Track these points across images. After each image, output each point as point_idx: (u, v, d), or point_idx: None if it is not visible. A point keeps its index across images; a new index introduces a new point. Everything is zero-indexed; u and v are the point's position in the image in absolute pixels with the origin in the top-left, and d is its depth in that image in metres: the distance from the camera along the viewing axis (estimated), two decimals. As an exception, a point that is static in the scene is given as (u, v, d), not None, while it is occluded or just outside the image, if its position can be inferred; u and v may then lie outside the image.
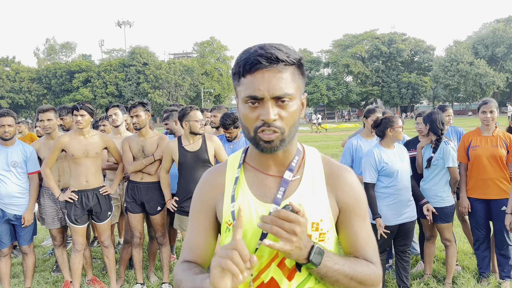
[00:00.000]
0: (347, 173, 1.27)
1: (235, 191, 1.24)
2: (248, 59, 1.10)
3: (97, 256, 5.64)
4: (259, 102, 1.11)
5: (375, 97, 61.36)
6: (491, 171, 4.00)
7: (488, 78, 52.30)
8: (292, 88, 1.12)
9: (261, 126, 1.11)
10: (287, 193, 1.21)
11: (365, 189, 3.85)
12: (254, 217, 1.20)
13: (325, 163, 1.28)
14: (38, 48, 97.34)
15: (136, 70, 59.99)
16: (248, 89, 1.11)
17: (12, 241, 4.27)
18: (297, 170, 1.24)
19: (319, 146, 20.40)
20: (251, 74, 1.10)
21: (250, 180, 1.26)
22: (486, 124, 4.09)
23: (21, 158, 4.20)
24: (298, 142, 1.30)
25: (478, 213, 4.12)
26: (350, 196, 1.24)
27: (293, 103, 1.13)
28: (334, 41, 64.89)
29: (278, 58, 1.09)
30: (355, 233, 1.24)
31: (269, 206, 1.20)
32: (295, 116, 1.15)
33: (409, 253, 4.01)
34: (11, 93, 60.66)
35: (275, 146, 1.13)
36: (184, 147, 4.13)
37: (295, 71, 1.14)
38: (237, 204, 1.22)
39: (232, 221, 1.21)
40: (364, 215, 1.26)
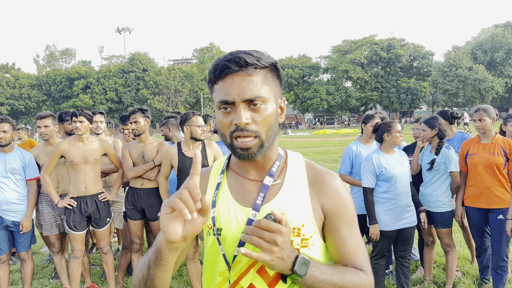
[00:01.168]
0: (331, 178, 1.23)
1: (216, 196, 1.23)
2: (217, 66, 1.11)
3: (96, 262, 5.62)
4: (232, 106, 1.10)
5: (375, 102, 61.46)
6: (487, 179, 3.91)
7: (487, 83, 52.38)
8: (264, 91, 1.11)
9: (235, 131, 1.10)
10: (267, 198, 1.19)
11: (364, 194, 3.86)
12: (233, 220, 1.18)
13: (309, 168, 1.26)
14: (38, 54, 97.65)
15: (136, 76, 60.11)
16: (219, 95, 1.11)
17: (10, 248, 4.25)
18: (278, 175, 1.22)
19: (319, 151, 20.41)
20: (221, 80, 1.11)
21: (232, 184, 1.25)
22: (480, 133, 4.01)
23: (20, 164, 4.20)
24: (280, 147, 1.28)
25: (477, 221, 4.04)
26: (335, 201, 1.20)
27: (266, 106, 1.11)
28: (333, 47, 65.07)
29: (247, 61, 1.09)
30: (343, 240, 1.20)
31: (249, 210, 1.18)
32: (271, 119, 1.13)
33: (409, 258, 4.00)
34: (11, 99, 60.75)
35: (253, 153, 1.12)
36: (184, 153, 4.13)
37: (267, 74, 1.13)
38: (217, 208, 1.21)
39: (212, 226, 1.20)
40: (352, 220, 1.22)
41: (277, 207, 1.17)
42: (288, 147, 24.56)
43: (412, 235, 3.96)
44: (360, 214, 4.42)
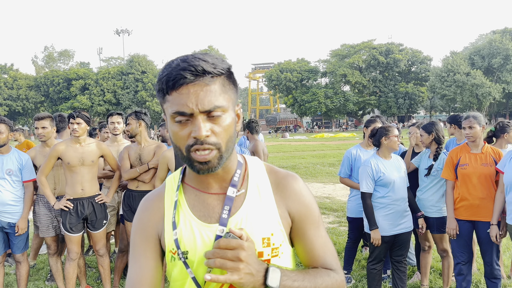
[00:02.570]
0: (294, 181, 1.19)
1: (175, 216, 1.14)
2: (171, 75, 1.01)
3: (92, 265, 5.60)
4: (189, 118, 1.02)
5: (373, 106, 61.64)
6: (481, 191, 3.75)
7: (485, 89, 52.60)
8: (223, 99, 1.03)
9: (193, 145, 1.02)
10: (233, 210, 1.12)
11: (362, 199, 3.86)
12: (198, 240, 1.11)
13: (270, 173, 1.21)
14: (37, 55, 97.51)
15: (134, 78, 60.09)
16: (174, 106, 1.01)
17: (6, 250, 4.23)
18: (241, 184, 1.16)
19: (316, 155, 20.42)
20: (176, 91, 1.01)
21: (191, 201, 1.16)
22: (470, 141, 3.88)
23: (17, 166, 4.18)
24: (238, 154, 1.22)
25: (463, 235, 3.84)
26: (301, 204, 1.17)
27: (226, 115, 1.04)
28: (332, 51, 65.34)
29: (204, 70, 1.00)
30: (311, 242, 1.17)
31: (215, 227, 1.10)
32: (230, 129, 1.06)
33: (405, 263, 4.00)
34: (9, 100, 60.65)
35: (212, 166, 1.05)
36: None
37: (224, 81, 1.05)
38: (179, 230, 1.12)
39: (176, 250, 1.11)
40: (318, 221, 1.19)
41: (244, 219, 1.11)
42: (286, 150, 24.59)
43: (408, 240, 3.96)
44: (357, 218, 4.43)
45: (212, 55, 1.06)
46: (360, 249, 5.66)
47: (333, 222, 7.55)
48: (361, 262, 5.30)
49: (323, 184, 11.80)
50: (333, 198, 9.65)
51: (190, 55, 1.04)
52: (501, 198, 3.76)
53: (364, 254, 5.53)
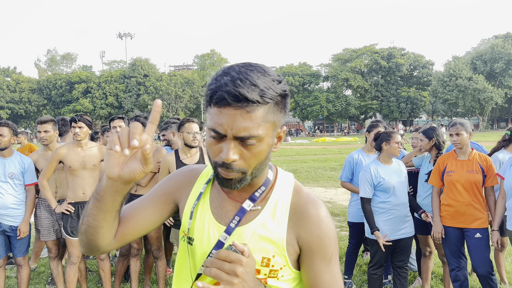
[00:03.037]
0: (314, 209, 1.14)
1: (195, 207, 1.18)
2: (215, 92, 0.98)
3: (93, 268, 5.60)
4: (222, 137, 1.01)
5: (374, 111, 61.61)
6: (466, 198, 3.73)
7: (487, 94, 52.55)
8: (262, 128, 0.99)
9: (220, 165, 1.02)
10: (242, 222, 1.12)
11: (361, 204, 3.86)
12: (205, 234, 1.14)
13: (295, 195, 1.17)
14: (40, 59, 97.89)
15: (137, 82, 60.23)
16: (212, 121, 1.01)
17: (7, 253, 4.24)
18: (260, 200, 1.15)
19: (318, 159, 20.41)
20: (217, 108, 0.99)
21: (213, 197, 1.19)
22: (457, 148, 3.86)
23: (19, 169, 4.19)
24: (271, 168, 1.20)
25: (452, 240, 3.83)
26: (314, 235, 1.12)
27: (260, 144, 1.01)
28: (334, 55, 65.37)
29: (248, 99, 0.95)
30: (317, 276, 1.12)
31: (222, 229, 1.13)
32: (262, 156, 1.04)
33: (406, 269, 3.99)
34: (11, 103, 60.83)
35: (233, 184, 1.05)
36: (181, 160, 4.13)
37: (270, 108, 1.00)
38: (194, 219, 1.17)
39: (187, 233, 1.18)
40: (330, 257, 1.13)
41: (249, 233, 1.11)
42: (287, 154, 24.57)
43: (409, 245, 3.96)
44: (358, 223, 4.42)
45: (268, 75, 1.00)
46: (361, 254, 5.65)
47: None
48: (362, 267, 5.29)
49: (325, 188, 11.79)
50: (334, 203, 9.64)
51: (243, 71, 0.98)
52: (502, 203, 3.76)
53: (365, 259, 5.52)
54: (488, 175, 3.76)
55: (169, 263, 5.45)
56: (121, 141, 0.94)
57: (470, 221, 3.73)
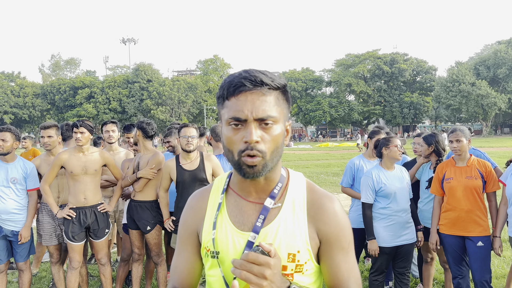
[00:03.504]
0: (330, 203, 1.22)
1: (217, 218, 1.23)
2: (232, 82, 1.11)
3: (94, 273, 5.60)
4: (242, 124, 1.10)
5: (377, 116, 61.55)
6: (466, 204, 3.69)
7: (490, 99, 52.44)
8: (275, 111, 1.12)
9: (244, 150, 1.09)
10: (266, 222, 1.18)
11: (362, 209, 3.86)
12: (230, 245, 1.19)
13: (309, 191, 1.25)
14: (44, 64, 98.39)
15: (140, 87, 60.46)
16: (231, 111, 1.10)
17: (9, 258, 4.25)
18: (279, 197, 1.22)
19: (321, 164, 20.39)
20: (235, 97, 1.10)
21: (231, 206, 1.24)
22: (456, 154, 3.83)
23: (21, 175, 4.21)
24: (283, 167, 1.28)
25: (454, 248, 3.79)
26: (332, 228, 1.20)
27: (276, 126, 1.12)
28: (337, 61, 65.45)
29: (263, 81, 1.10)
30: (337, 266, 1.20)
31: (247, 235, 1.18)
32: (278, 140, 1.13)
33: (408, 275, 3.98)
34: (15, 108, 61.11)
35: (257, 171, 1.11)
36: (181, 166, 4.14)
37: (279, 95, 1.14)
38: (216, 231, 1.21)
39: (211, 248, 1.21)
40: (347, 247, 1.22)
41: (274, 231, 1.17)
42: (290, 159, 24.56)
43: (411, 251, 3.94)
44: (359, 228, 4.41)
45: (270, 72, 1.15)
46: (362, 260, 5.63)
47: (336, 232, 7.50)
48: (364, 273, 5.27)
49: (327, 194, 11.76)
50: (336, 208, 9.60)
51: (252, 68, 1.14)
52: (504, 210, 3.74)
53: (367, 265, 5.50)
54: (488, 181, 3.74)
55: (170, 268, 5.45)
56: None
57: (471, 228, 3.70)
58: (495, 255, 3.92)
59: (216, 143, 5.21)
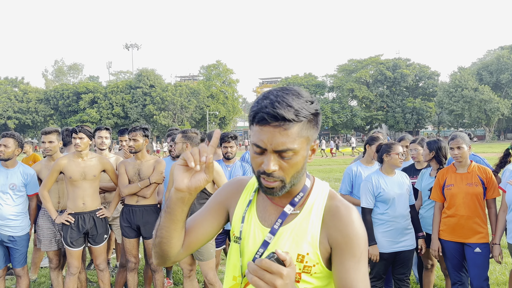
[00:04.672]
0: (346, 210, 1.26)
1: (246, 213, 1.34)
2: (257, 113, 1.15)
3: (94, 279, 5.59)
4: (263, 151, 1.17)
5: (380, 121, 61.48)
6: (466, 211, 3.67)
7: (493, 104, 52.33)
8: (297, 143, 1.15)
9: (262, 173, 1.19)
10: (284, 223, 1.27)
11: (362, 214, 3.84)
12: (251, 235, 1.30)
13: (330, 199, 1.30)
14: (47, 69, 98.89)
15: (143, 92, 60.59)
16: (254, 138, 1.18)
17: (6, 263, 4.24)
18: (299, 205, 1.29)
19: (323, 170, 20.35)
20: (259, 126, 1.16)
21: (259, 202, 1.36)
22: (457, 161, 3.81)
23: (21, 181, 4.21)
24: (309, 177, 1.34)
25: (454, 254, 3.78)
26: (343, 235, 1.22)
27: (297, 156, 1.18)
28: (339, 66, 65.56)
29: (285, 118, 1.12)
30: (347, 272, 1.20)
31: (267, 230, 1.28)
32: (298, 166, 1.20)
33: (407, 281, 3.95)
34: (19, 113, 61.33)
35: (275, 192, 1.21)
36: None
37: (304, 125, 1.17)
38: (245, 222, 1.33)
39: (238, 235, 1.34)
40: (359, 256, 1.22)
41: (288, 232, 1.25)
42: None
43: (410, 258, 3.91)
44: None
45: (303, 97, 1.17)
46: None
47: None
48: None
49: (328, 199, 11.72)
50: (338, 214, 9.57)
51: (280, 94, 1.15)
52: (504, 217, 3.72)
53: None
54: (489, 187, 3.72)
55: (169, 274, 5.42)
56: (194, 159, 1.15)
57: (470, 235, 3.68)
58: (496, 262, 3.88)
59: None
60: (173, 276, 5.56)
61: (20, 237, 4.19)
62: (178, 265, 6.07)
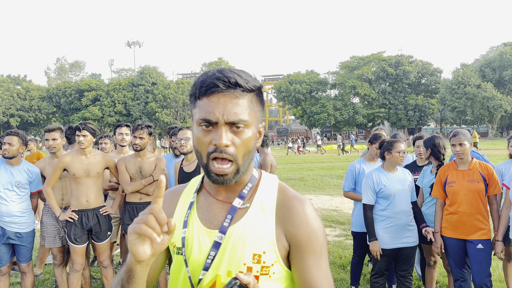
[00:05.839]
0: (300, 204, 1.17)
1: (188, 216, 1.20)
2: (205, 81, 1.07)
3: (97, 276, 5.61)
4: (213, 126, 1.08)
5: (382, 119, 61.33)
6: (468, 208, 3.67)
7: (496, 101, 52.14)
8: (248, 115, 1.09)
9: (213, 152, 1.07)
10: (234, 220, 1.15)
11: (363, 210, 3.86)
12: (195, 242, 1.16)
13: (280, 192, 1.20)
14: (49, 67, 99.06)
15: (145, 90, 60.67)
16: (202, 112, 1.08)
17: (11, 259, 4.27)
18: (248, 198, 1.18)
19: (325, 167, 20.36)
20: (207, 97, 1.07)
21: (200, 204, 1.22)
22: (459, 158, 3.81)
23: (26, 179, 4.25)
24: (257, 169, 1.25)
25: (456, 251, 3.79)
26: (302, 230, 1.13)
27: (248, 130, 1.10)
28: (341, 63, 65.33)
29: (237, 82, 1.06)
30: (309, 271, 1.13)
31: (214, 233, 1.15)
32: (249, 144, 1.11)
33: (410, 278, 3.96)
34: (21, 111, 61.50)
35: (228, 179, 1.10)
36: (182, 167, 4.18)
37: (253, 98, 1.11)
38: (187, 229, 1.19)
39: (179, 245, 1.18)
40: (320, 251, 1.14)
41: (240, 231, 1.13)
42: (294, 162, 24.54)
43: (413, 255, 3.92)
44: (362, 232, 4.40)
45: (247, 72, 1.12)
46: (366, 263, 5.60)
47: (339, 235, 7.50)
48: (366, 276, 5.25)
49: (331, 196, 11.75)
50: (340, 211, 9.60)
51: (226, 68, 1.10)
52: (507, 213, 3.72)
53: (369, 268, 5.48)
54: (490, 184, 3.72)
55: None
56: (156, 232, 0.93)
57: (472, 231, 3.69)
58: (498, 259, 3.89)
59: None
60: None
61: (26, 233, 4.24)
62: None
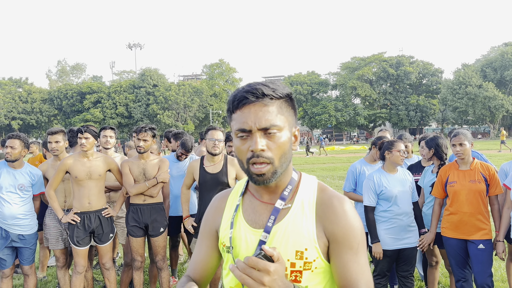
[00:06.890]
0: (339, 202, 1.24)
1: (234, 218, 1.30)
2: (236, 96, 1.18)
3: (99, 278, 5.63)
4: (248, 134, 1.17)
5: (383, 119, 61.30)
6: (469, 208, 3.66)
7: (497, 101, 52.08)
8: (279, 120, 1.17)
9: (251, 158, 1.16)
10: (277, 220, 1.24)
11: (365, 212, 3.86)
12: (243, 242, 1.26)
13: (320, 192, 1.28)
14: (51, 70, 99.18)
15: (146, 92, 60.75)
16: (237, 123, 1.18)
17: (14, 261, 4.29)
18: (289, 199, 1.26)
19: (327, 168, 20.35)
20: (239, 110, 1.18)
21: (246, 206, 1.31)
22: (459, 158, 3.80)
23: (29, 181, 4.27)
24: (295, 171, 1.32)
25: (457, 251, 3.78)
26: (339, 227, 1.21)
27: (281, 134, 1.18)
28: (342, 64, 65.37)
29: (264, 93, 1.16)
30: (346, 266, 1.20)
31: (259, 232, 1.24)
32: (285, 147, 1.19)
33: (412, 279, 3.96)
34: (23, 114, 61.62)
35: (267, 178, 1.18)
36: (204, 167, 4.17)
37: (282, 104, 1.20)
38: (234, 229, 1.29)
39: (228, 244, 1.29)
40: (357, 247, 1.21)
41: (284, 230, 1.22)
42: (296, 163, 24.53)
43: (414, 255, 3.93)
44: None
45: (276, 83, 1.21)
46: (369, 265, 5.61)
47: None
48: (369, 277, 5.26)
49: (332, 197, 11.73)
50: (342, 212, 9.57)
51: (256, 82, 1.21)
52: (508, 214, 3.72)
53: (371, 269, 5.49)
54: (491, 184, 3.72)
55: (175, 273, 5.46)
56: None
57: (474, 231, 3.69)
58: (500, 259, 3.90)
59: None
60: (179, 275, 5.60)
61: (29, 235, 4.26)
62: (184, 263, 6.11)
